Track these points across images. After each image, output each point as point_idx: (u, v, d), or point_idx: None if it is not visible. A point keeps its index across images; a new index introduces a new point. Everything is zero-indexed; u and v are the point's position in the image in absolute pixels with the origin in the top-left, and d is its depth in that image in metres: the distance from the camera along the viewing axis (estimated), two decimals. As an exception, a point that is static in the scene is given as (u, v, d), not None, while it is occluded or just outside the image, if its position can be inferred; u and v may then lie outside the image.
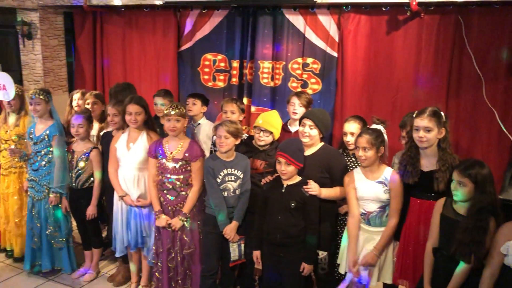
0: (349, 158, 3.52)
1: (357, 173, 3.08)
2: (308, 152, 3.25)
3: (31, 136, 3.94)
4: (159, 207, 3.47)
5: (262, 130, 3.48)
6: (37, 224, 3.97)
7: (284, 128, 3.87)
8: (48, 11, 5.85)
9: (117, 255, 3.83)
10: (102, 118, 4.38)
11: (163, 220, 3.43)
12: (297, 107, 3.80)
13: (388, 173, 3.00)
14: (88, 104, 4.38)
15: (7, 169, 4.19)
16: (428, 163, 2.97)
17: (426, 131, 2.88)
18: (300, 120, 3.33)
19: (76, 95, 4.62)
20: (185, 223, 3.43)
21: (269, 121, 3.52)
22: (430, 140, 2.89)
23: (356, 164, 3.41)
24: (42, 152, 3.91)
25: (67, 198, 3.96)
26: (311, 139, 3.24)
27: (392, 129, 3.34)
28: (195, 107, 4.12)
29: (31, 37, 5.80)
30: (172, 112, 3.35)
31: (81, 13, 5.93)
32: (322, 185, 3.15)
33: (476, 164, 2.56)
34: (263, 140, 3.49)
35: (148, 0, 5.16)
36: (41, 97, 3.84)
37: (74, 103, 4.58)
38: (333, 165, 3.22)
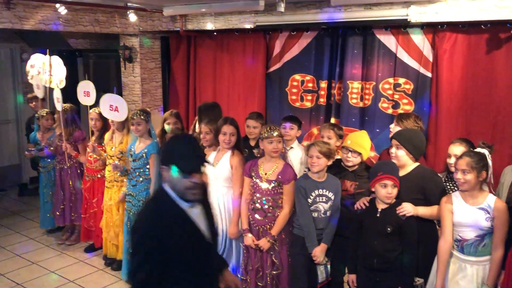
0: (452, 182, 3.34)
1: (456, 196, 2.93)
2: (401, 172, 3.15)
3: (131, 153, 4.20)
4: (247, 226, 3.54)
5: (350, 151, 3.43)
6: (132, 237, 4.20)
7: (389, 153, 3.77)
8: (147, 36, 6.30)
9: None
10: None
11: (249, 239, 3.49)
12: (393, 128, 3.69)
13: (491, 200, 2.82)
14: (168, 124, 4.55)
15: (110, 182, 4.51)
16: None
17: None
18: (390, 140, 3.27)
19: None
20: (274, 245, 3.46)
21: (358, 142, 3.46)
22: None
23: (453, 190, 3.24)
24: (140, 169, 4.15)
25: None
26: (398, 160, 3.15)
27: (495, 154, 3.15)
28: (292, 131, 4.08)
29: (131, 61, 6.26)
30: (274, 134, 3.41)
31: (176, 38, 6.31)
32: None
33: None
34: (351, 161, 3.44)
35: (240, 24, 5.36)
36: (142, 117, 4.09)
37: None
38: (428, 186, 3.09)
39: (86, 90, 4.48)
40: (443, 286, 2.88)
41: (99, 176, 4.79)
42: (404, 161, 3.16)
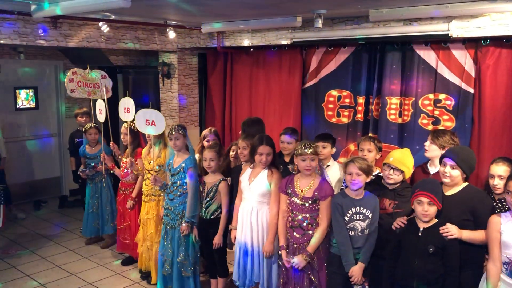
0: (495, 203, 3.21)
1: (506, 216, 2.81)
2: (449, 192, 3.05)
3: (169, 168, 4.25)
4: (284, 242, 3.50)
5: (392, 168, 3.35)
6: (169, 251, 4.23)
7: (423, 169, 3.69)
8: (185, 52, 6.42)
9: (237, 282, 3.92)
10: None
11: (284, 255, 3.45)
12: (428, 146, 3.60)
13: None
14: (208, 141, 4.58)
15: (147, 196, 4.57)
16: None
17: None
18: (441, 159, 3.15)
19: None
20: (313, 264, 3.40)
21: (401, 159, 3.38)
22: None
23: (502, 210, 3.10)
24: (178, 183, 4.17)
25: (197, 227, 4.17)
26: (452, 180, 3.04)
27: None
28: (326, 150, 4.02)
29: (169, 77, 6.39)
30: (308, 152, 3.37)
31: (213, 54, 6.41)
32: (464, 227, 2.93)
33: None
34: (392, 178, 3.35)
35: (276, 40, 5.39)
36: (180, 132, 4.14)
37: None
38: (479, 208, 2.98)
39: (126, 107, 4.60)
40: None
41: (131, 190, 4.89)
42: (458, 181, 3.07)
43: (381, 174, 3.53)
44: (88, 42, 5.37)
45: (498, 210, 3.13)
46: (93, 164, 5.42)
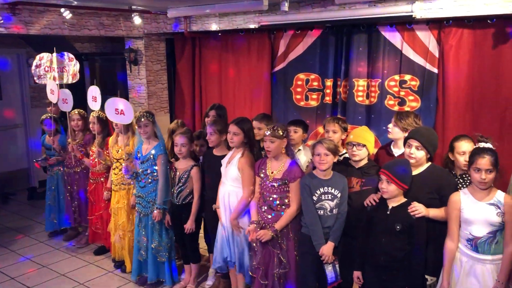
0: (457, 179, 3.31)
1: (465, 193, 2.90)
2: (415, 172, 3.12)
3: (138, 156, 4.22)
4: (256, 218, 3.56)
5: (354, 145, 3.42)
6: (143, 238, 4.23)
7: (388, 151, 3.76)
8: (152, 38, 6.32)
9: (213, 266, 3.97)
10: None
11: (252, 227, 3.52)
12: (391, 128, 3.66)
13: (500, 196, 2.79)
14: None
15: (117, 185, 4.53)
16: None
17: None
18: (405, 140, 3.22)
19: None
20: (281, 244, 3.46)
21: (360, 134, 3.46)
22: None
23: (464, 187, 3.20)
24: (148, 171, 4.16)
25: (169, 213, 4.17)
26: (417, 161, 3.11)
27: (499, 149, 3.09)
28: (297, 135, 4.09)
29: (137, 63, 6.29)
30: (267, 133, 3.45)
31: (181, 39, 6.33)
32: (430, 206, 3.01)
33: None
34: (357, 154, 3.41)
35: (244, 24, 5.36)
36: (149, 119, 4.11)
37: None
38: (444, 186, 3.06)
39: (94, 95, 4.51)
40: (449, 285, 2.85)
41: (102, 179, 4.83)
42: (422, 161, 3.14)
43: (347, 155, 3.60)
44: (50, 29, 5.21)
45: (460, 186, 3.24)
46: (49, 155, 5.28)
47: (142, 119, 4.08)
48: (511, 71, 4.12)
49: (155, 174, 4.14)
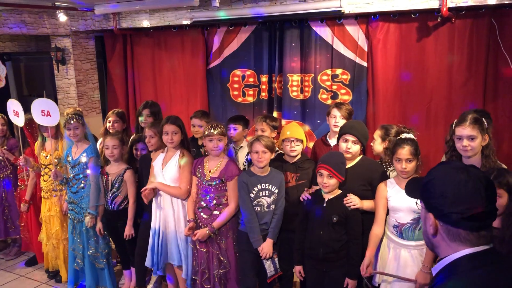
0: (386, 170, 3.43)
1: (391, 182, 3.02)
2: (348, 165, 3.20)
3: (68, 160, 4.03)
4: (193, 217, 3.50)
5: (292, 141, 3.45)
6: (79, 245, 4.05)
7: (324, 142, 3.83)
8: (80, 36, 6.04)
9: (158, 273, 3.85)
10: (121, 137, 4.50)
11: (191, 224, 3.45)
12: (338, 119, 3.71)
13: None
14: (109, 122, 4.42)
15: (47, 192, 4.29)
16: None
17: (470, 139, 2.77)
18: (340, 134, 3.27)
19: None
20: (220, 243, 3.43)
21: (296, 131, 3.50)
22: (475, 149, 2.79)
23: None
24: (80, 175, 3.98)
25: (103, 220, 4.01)
26: (353, 154, 3.19)
27: (426, 138, 3.25)
28: (237, 132, 4.06)
29: (64, 62, 5.98)
30: (215, 132, 3.38)
31: (111, 37, 6.09)
32: (363, 197, 3.10)
33: (504, 172, 2.47)
34: (295, 150, 3.45)
35: (176, 20, 5.25)
36: (79, 121, 3.92)
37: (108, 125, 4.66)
38: (375, 177, 3.17)
39: (15, 110, 4.15)
40: (371, 263, 2.93)
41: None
42: (357, 155, 3.23)
43: (280, 152, 3.62)
44: (-35, 27, 4.84)
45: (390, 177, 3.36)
46: None
47: (72, 121, 3.89)
48: (434, 64, 4.32)
49: (88, 178, 3.97)
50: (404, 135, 3.01)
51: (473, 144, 2.78)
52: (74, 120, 3.89)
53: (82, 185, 4.00)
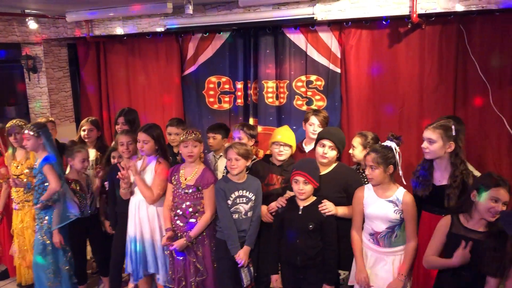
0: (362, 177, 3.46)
1: (368, 189, 3.02)
2: (324, 171, 3.22)
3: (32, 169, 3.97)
4: (169, 225, 3.47)
5: (281, 145, 3.46)
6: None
7: (299, 148, 3.84)
8: (52, 44, 5.94)
9: (135, 281, 3.78)
10: (98, 145, 4.48)
11: (170, 233, 3.41)
12: (316, 128, 3.75)
13: (400, 193, 2.91)
14: (84, 130, 4.39)
15: (19, 203, 4.17)
16: (440, 177, 2.93)
17: (429, 142, 2.88)
18: (318, 139, 3.29)
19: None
20: (197, 251, 3.41)
21: (287, 135, 3.54)
22: (433, 152, 2.87)
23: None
24: (40, 185, 3.85)
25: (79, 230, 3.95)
26: (329, 160, 3.21)
27: (403, 144, 3.28)
28: (216, 141, 4.05)
29: (36, 71, 5.86)
30: (189, 138, 3.36)
31: (84, 44, 6.01)
32: (338, 204, 3.12)
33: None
34: (283, 154, 3.47)
35: (150, 27, 5.22)
36: (31, 132, 3.77)
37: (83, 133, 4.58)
38: (350, 184, 3.18)
39: None
40: (364, 274, 2.95)
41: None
42: (333, 161, 3.24)
43: (268, 153, 3.63)
44: None
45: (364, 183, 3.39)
46: None
47: (25, 131, 3.79)
48: (405, 69, 4.40)
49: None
50: (387, 143, 2.97)
51: (432, 147, 2.86)
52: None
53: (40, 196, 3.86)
